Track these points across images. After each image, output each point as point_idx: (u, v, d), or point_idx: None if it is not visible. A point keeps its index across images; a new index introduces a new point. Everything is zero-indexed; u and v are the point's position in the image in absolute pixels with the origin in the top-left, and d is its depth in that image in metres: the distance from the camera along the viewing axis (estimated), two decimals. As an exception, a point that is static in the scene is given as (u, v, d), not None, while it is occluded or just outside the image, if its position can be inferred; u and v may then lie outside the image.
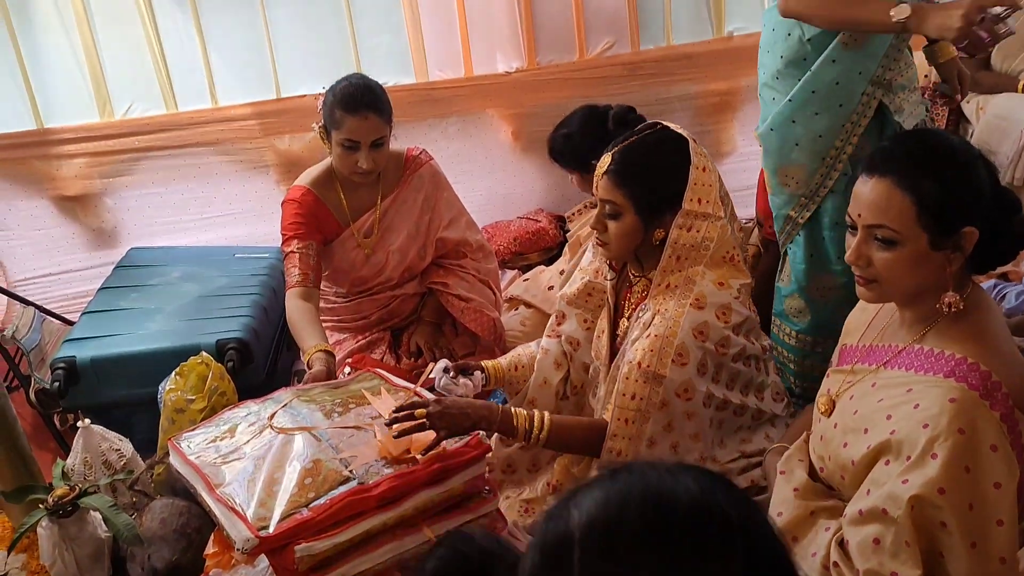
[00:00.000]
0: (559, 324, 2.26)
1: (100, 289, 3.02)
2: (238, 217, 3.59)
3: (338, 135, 2.51)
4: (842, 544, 1.49)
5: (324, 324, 2.63)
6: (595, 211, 2.77)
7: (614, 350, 2.06)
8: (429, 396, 1.93)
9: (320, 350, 2.28)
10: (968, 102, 3.22)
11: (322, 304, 2.75)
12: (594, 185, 1.96)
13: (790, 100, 2.25)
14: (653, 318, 1.89)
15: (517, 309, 3.04)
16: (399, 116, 3.45)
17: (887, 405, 1.46)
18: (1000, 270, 2.57)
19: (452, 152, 3.63)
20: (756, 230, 2.80)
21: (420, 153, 2.79)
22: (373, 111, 2.49)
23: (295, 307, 2.44)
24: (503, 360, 2.30)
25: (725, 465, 1.93)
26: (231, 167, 3.52)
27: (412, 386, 2.02)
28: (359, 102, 2.48)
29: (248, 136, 3.48)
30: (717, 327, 1.86)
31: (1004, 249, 1.47)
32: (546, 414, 1.89)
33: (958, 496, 1.34)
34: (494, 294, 2.84)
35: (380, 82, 2.63)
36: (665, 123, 1.97)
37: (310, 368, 2.23)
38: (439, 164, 2.82)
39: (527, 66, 3.57)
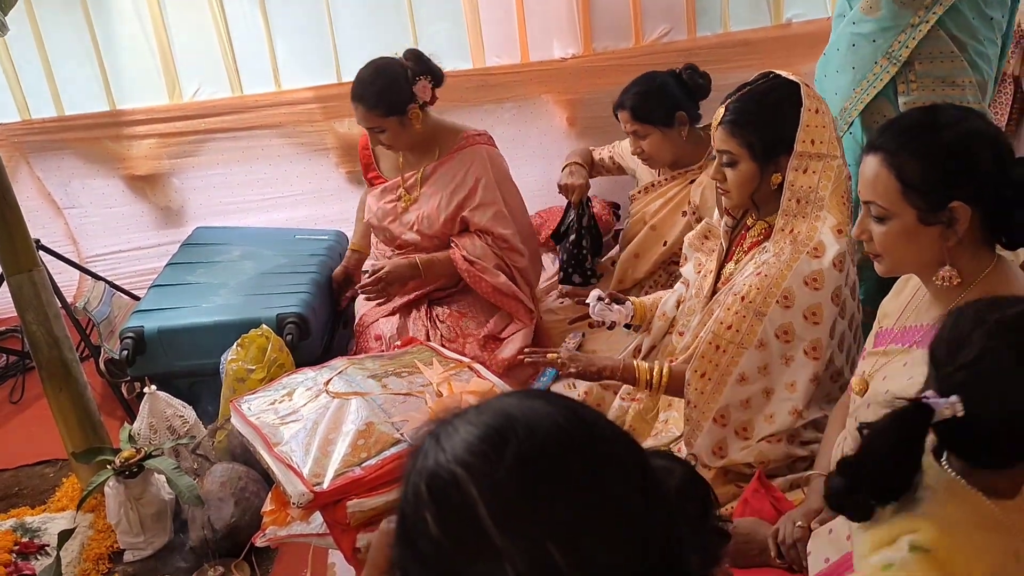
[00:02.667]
0: (681, 266, 2.37)
1: (168, 265, 3.14)
2: (298, 199, 3.67)
3: None
4: None
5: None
6: (662, 191, 2.83)
7: (715, 292, 2.12)
8: (482, 369, 2.00)
9: (353, 250, 3.07)
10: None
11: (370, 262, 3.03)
12: (711, 137, 2.03)
13: (825, 54, 2.33)
14: (767, 259, 1.94)
15: None
16: (456, 101, 3.52)
17: (916, 382, 1.44)
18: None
19: (508, 137, 3.66)
20: None
21: (480, 134, 2.87)
22: (362, 104, 2.68)
23: (361, 201, 3.06)
24: (647, 298, 2.42)
25: (802, 431, 1.93)
26: (292, 149, 3.61)
27: (464, 359, 2.08)
28: (353, 92, 2.70)
29: (309, 119, 3.56)
30: (833, 275, 1.88)
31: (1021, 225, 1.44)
32: (666, 365, 2.07)
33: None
34: (513, 278, 2.83)
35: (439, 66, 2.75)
36: (777, 71, 2.00)
37: None
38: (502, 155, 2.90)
39: (583, 52, 3.58)
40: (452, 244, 2.80)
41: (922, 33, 2.17)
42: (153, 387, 2.47)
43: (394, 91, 2.68)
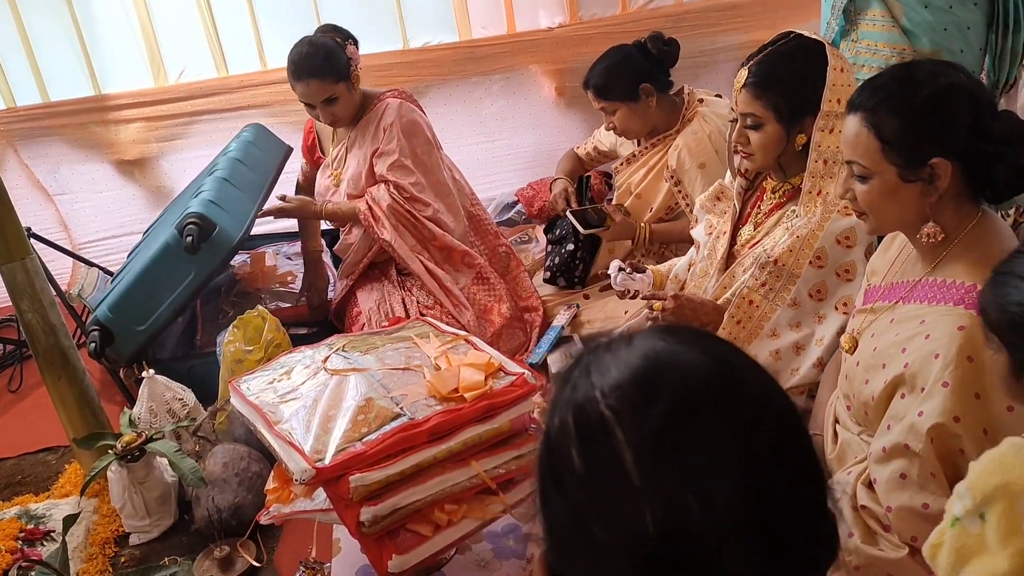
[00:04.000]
0: (692, 229, 2.38)
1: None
2: (285, 177, 3.61)
3: (296, 94, 2.78)
4: (870, 485, 1.51)
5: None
6: (642, 160, 2.84)
7: (731, 257, 2.13)
8: (479, 342, 2.00)
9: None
10: None
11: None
12: (732, 100, 2.02)
13: None
14: (797, 221, 1.95)
15: None
16: (444, 75, 3.51)
17: (902, 339, 1.47)
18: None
19: (496, 110, 3.66)
20: None
21: (393, 90, 2.91)
22: (312, 76, 2.71)
23: None
24: (663, 266, 2.45)
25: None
26: (279, 129, 3.56)
27: (461, 332, 2.08)
28: (300, 70, 2.71)
29: (295, 98, 3.51)
30: (864, 231, 1.88)
31: (1010, 177, 1.43)
32: None
33: (973, 422, 1.36)
34: (424, 227, 2.82)
35: (423, 42, 2.74)
36: (799, 31, 1.98)
37: None
38: (424, 114, 2.92)
39: (569, 21, 3.57)
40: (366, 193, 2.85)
41: None
42: (151, 371, 2.47)
43: (336, 57, 2.74)
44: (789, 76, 1.93)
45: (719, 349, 0.69)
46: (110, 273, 3.24)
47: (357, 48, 2.82)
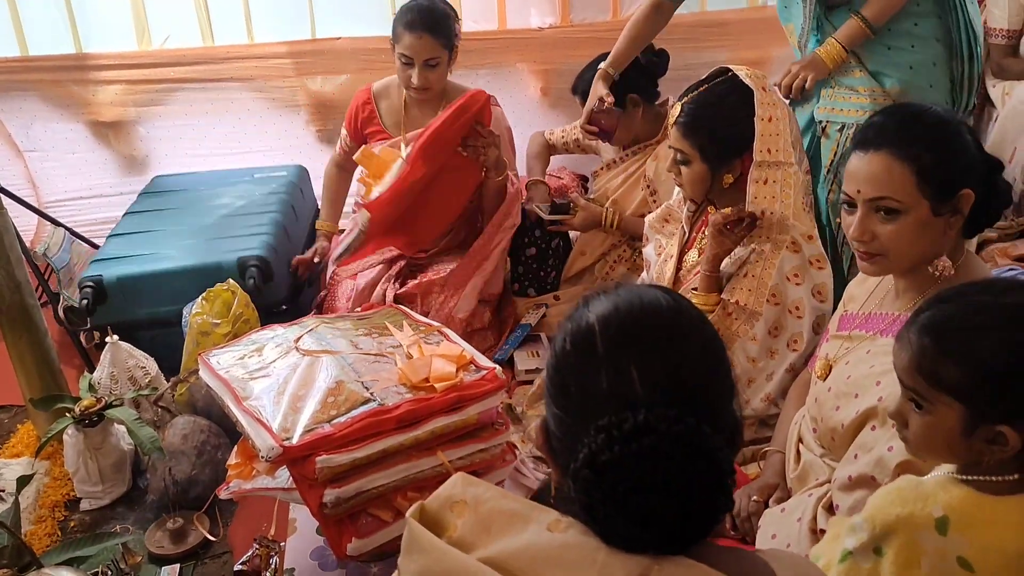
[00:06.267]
0: (643, 247, 2.43)
1: (126, 214, 3.10)
2: (267, 154, 3.62)
3: (397, 48, 2.71)
4: (830, 509, 1.54)
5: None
6: (622, 167, 2.87)
7: (678, 281, 2.18)
8: (452, 334, 2.02)
9: (325, 229, 2.95)
10: (994, 86, 3.23)
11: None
12: (668, 133, 2.08)
13: None
14: (749, 256, 1.98)
15: None
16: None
17: (878, 372, 1.50)
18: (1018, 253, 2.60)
19: (480, 104, 3.66)
20: None
21: (490, 97, 2.85)
22: (428, 31, 2.67)
23: (329, 174, 3.04)
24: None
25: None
26: (263, 104, 3.56)
27: (434, 323, 2.10)
28: (416, 22, 2.67)
29: (281, 75, 3.51)
30: (812, 273, 1.96)
31: (995, 207, 1.50)
32: None
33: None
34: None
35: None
36: (735, 69, 2.02)
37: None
38: None
39: (560, 23, 3.58)
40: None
41: None
42: (115, 336, 2.44)
43: (453, 22, 2.75)
44: (717, 120, 2.00)
45: (680, 300, 0.94)
46: (76, 235, 3.18)
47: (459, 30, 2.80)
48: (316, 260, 2.94)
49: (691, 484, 0.81)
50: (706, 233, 2.06)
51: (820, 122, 2.36)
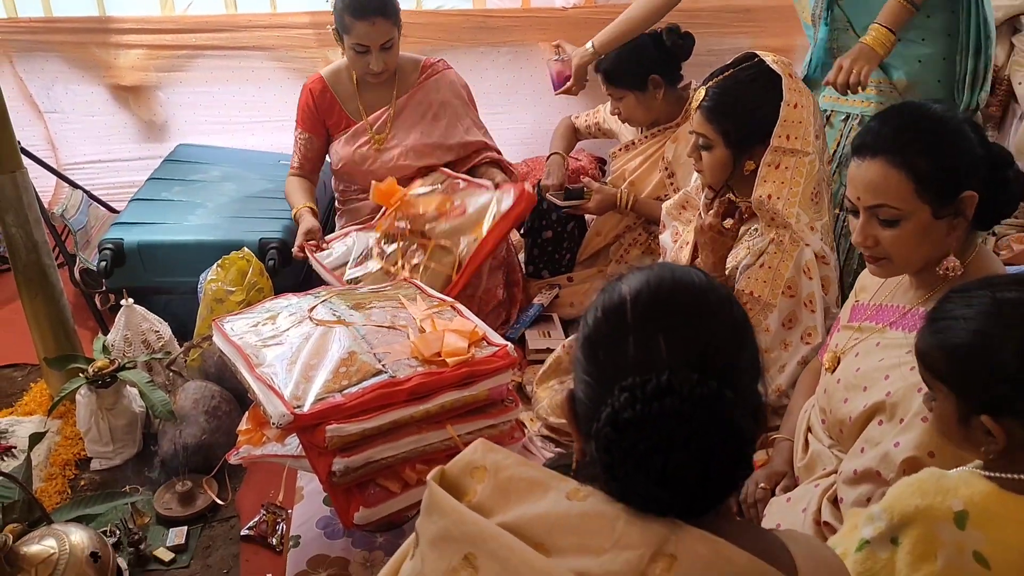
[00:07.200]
0: (660, 233, 2.41)
1: (149, 179, 3.11)
2: (285, 124, 3.57)
3: (349, 39, 2.63)
4: (835, 502, 1.54)
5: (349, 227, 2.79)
6: (641, 148, 2.86)
7: (693, 266, 2.15)
8: (464, 309, 2.02)
9: (307, 207, 2.71)
10: (1020, 83, 3.19)
11: (345, 206, 2.91)
12: (689, 117, 2.05)
13: None
14: (768, 246, 1.97)
15: None
16: (453, 41, 3.49)
17: (887, 365, 1.49)
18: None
19: (501, 82, 3.64)
20: None
21: (438, 62, 2.86)
22: (380, 15, 2.58)
23: (289, 183, 2.84)
24: None
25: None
26: (283, 74, 3.55)
27: (448, 299, 2.10)
28: (366, 8, 2.57)
29: (303, 45, 3.50)
30: (817, 267, 1.95)
31: (1005, 201, 1.48)
32: None
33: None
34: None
35: (437, 5, 2.69)
36: (761, 55, 2.00)
37: (298, 222, 2.67)
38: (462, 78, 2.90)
39: (585, 3, 3.56)
40: (502, 183, 2.68)
41: None
42: (130, 300, 2.46)
43: (397, 3, 2.66)
44: (742, 105, 1.97)
45: (713, 280, 0.95)
46: (94, 198, 3.20)
47: None
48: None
49: (711, 447, 0.82)
50: (700, 243, 2.05)
51: (825, 111, 2.34)
